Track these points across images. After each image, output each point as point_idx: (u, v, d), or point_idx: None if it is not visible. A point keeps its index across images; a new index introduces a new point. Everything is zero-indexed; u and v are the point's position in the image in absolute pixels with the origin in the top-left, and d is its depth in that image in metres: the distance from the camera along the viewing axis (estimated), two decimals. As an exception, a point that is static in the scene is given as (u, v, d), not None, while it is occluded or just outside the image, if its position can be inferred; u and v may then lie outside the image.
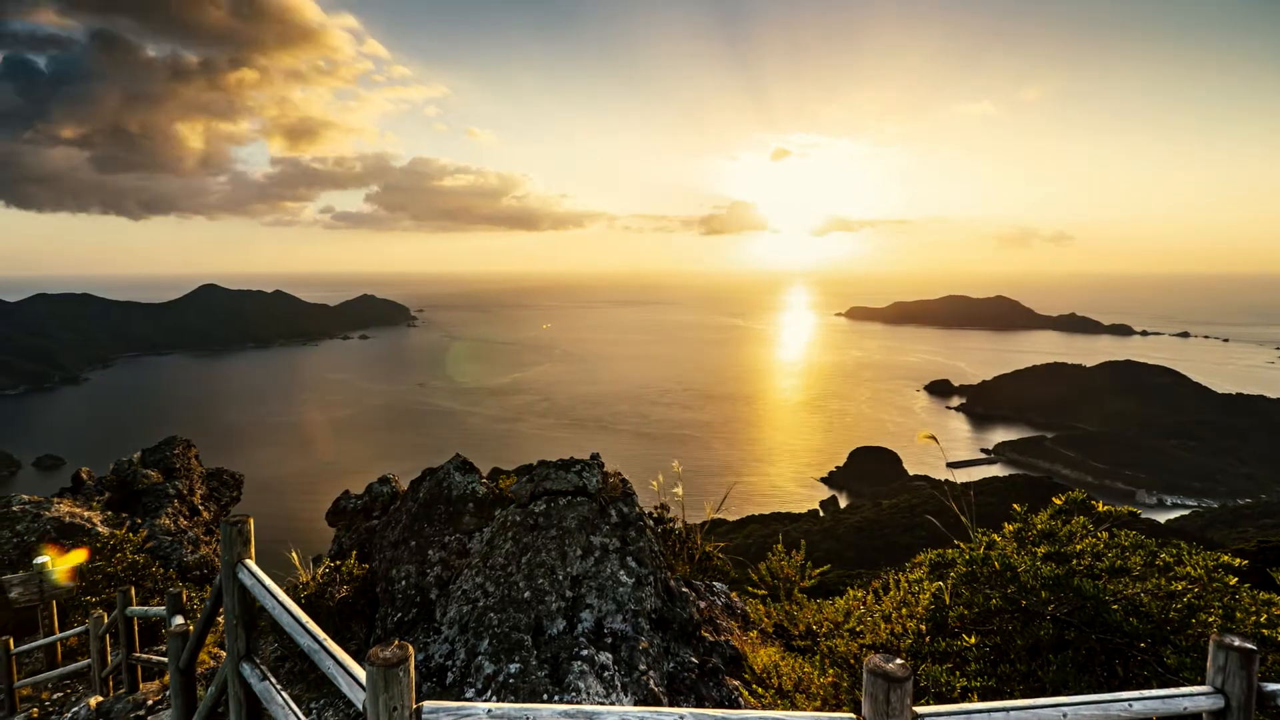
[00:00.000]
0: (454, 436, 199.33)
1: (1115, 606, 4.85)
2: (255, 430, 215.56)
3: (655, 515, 10.41)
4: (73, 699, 10.86)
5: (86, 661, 11.08)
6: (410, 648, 3.36)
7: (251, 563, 5.30)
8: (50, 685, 11.37)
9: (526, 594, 6.97)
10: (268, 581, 5.01)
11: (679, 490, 11.00)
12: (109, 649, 10.63)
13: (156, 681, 10.27)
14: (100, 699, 10.10)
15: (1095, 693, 4.23)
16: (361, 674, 3.64)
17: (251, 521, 5.53)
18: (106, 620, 10.45)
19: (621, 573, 7.33)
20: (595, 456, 9.53)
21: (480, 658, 6.39)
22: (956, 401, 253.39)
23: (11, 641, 10.49)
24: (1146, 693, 3.19)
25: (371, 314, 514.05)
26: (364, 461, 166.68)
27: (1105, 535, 5.56)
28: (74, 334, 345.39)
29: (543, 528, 7.79)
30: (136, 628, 10.05)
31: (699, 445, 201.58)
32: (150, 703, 9.58)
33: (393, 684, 3.22)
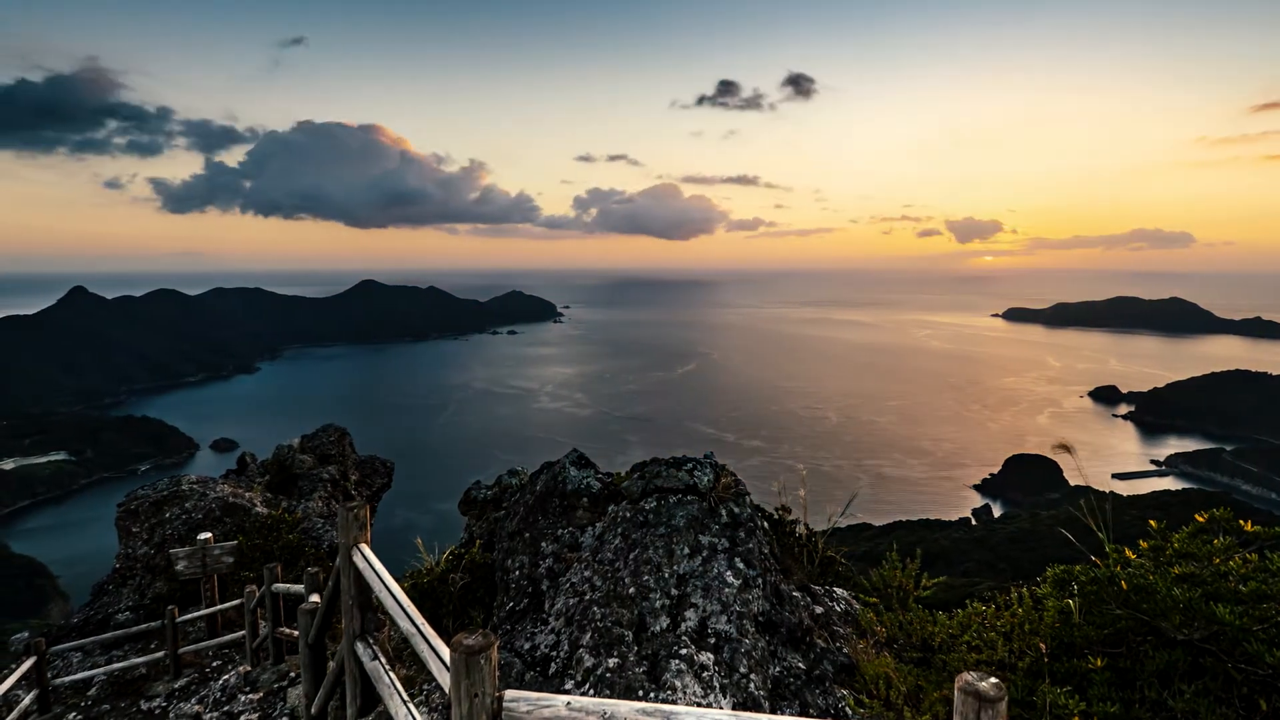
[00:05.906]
0: (582, 431, 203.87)
1: (1262, 635, 4.40)
2: (405, 418, 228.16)
3: (776, 517, 10.24)
4: (229, 667, 11.79)
5: (241, 633, 12.03)
6: (494, 637, 3.43)
7: (365, 547, 5.60)
8: (210, 652, 12.39)
9: (631, 590, 7.01)
10: (377, 565, 5.28)
11: (802, 493, 10.78)
12: (260, 622, 11.47)
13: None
14: (248, 668, 10.94)
15: (1228, 730, 3.86)
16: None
17: (368, 509, 5.84)
18: (257, 595, 11.30)
19: (728, 573, 7.25)
20: (709, 455, 9.47)
21: (581, 650, 6.47)
22: (1124, 409, 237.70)
23: (176, 611, 11.50)
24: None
25: (519, 309, 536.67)
26: (496, 452, 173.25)
27: (1254, 557, 5.03)
28: (246, 326, 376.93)
29: (652, 525, 7.81)
30: (282, 604, 10.81)
31: (838, 448, 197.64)
32: (293, 674, 10.30)
33: (474, 671, 3.29)
